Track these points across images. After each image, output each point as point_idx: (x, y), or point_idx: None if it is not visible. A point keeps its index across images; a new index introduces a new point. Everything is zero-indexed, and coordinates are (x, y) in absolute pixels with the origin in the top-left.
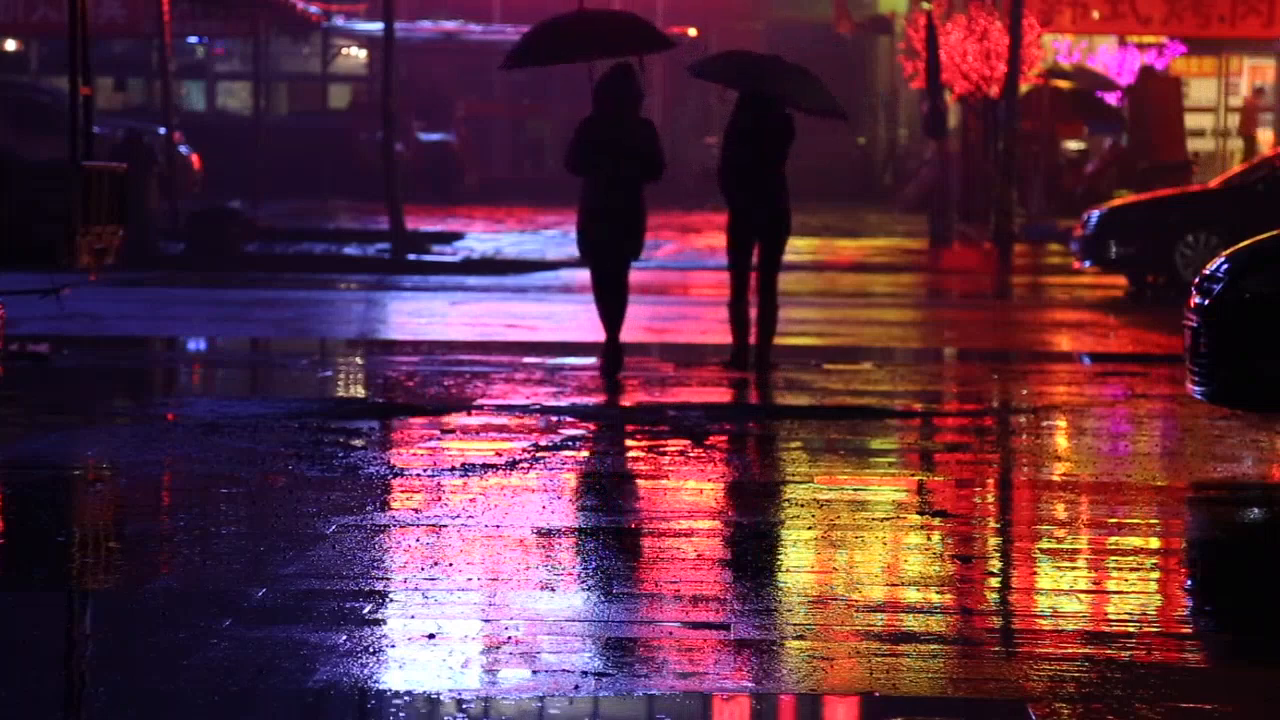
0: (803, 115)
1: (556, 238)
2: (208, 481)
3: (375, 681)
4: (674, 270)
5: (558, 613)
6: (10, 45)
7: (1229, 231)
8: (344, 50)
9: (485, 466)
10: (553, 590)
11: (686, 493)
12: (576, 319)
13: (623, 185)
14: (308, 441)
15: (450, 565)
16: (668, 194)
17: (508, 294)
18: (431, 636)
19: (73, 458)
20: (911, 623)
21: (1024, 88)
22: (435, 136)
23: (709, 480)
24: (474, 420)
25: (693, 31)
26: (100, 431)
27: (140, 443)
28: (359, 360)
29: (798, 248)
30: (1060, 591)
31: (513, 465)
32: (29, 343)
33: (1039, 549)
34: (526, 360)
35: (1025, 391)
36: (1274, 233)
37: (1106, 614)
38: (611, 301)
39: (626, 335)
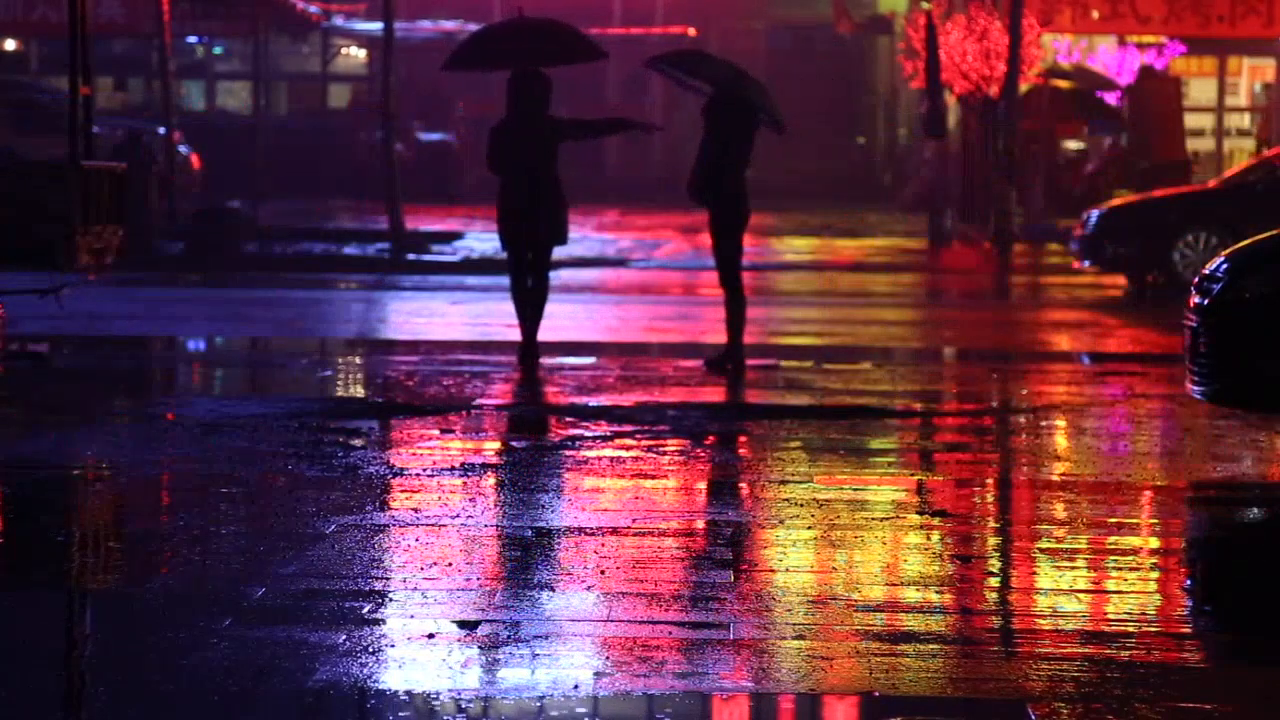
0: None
1: None
2: (208, 481)
3: (375, 681)
4: (674, 270)
5: (558, 613)
6: (10, 45)
7: (1228, 231)
8: (344, 50)
9: (485, 466)
10: (553, 590)
11: (686, 492)
12: (575, 319)
13: (538, 182)
14: (308, 441)
15: (450, 565)
16: (668, 195)
17: (507, 294)
18: (431, 636)
19: (73, 458)
20: (911, 623)
21: (1024, 88)
22: (435, 136)
23: (709, 479)
24: (474, 420)
25: (692, 31)
26: (100, 431)
27: (140, 443)
28: (359, 360)
29: (797, 247)
30: (1060, 591)
31: (513, 465)
32: (29, 343)
33: (1039, 549)
34: None
35: (1025, 391)
36: (1274, 233)
37: (1106, 614)
38: (529, 295)
39: (626, 335)
